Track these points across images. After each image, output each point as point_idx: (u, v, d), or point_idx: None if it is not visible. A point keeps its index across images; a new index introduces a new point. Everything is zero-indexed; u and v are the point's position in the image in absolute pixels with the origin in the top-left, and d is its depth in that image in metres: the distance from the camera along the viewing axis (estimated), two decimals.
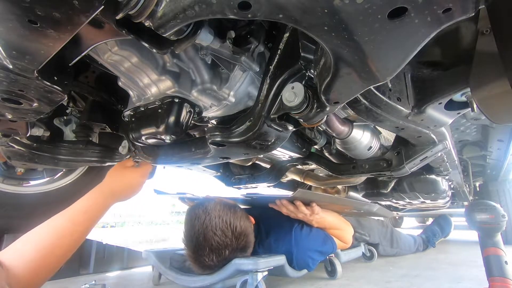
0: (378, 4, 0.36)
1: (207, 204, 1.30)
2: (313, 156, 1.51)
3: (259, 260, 1.22)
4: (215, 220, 1.23)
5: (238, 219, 1.28)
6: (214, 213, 1.25)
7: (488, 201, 1.27)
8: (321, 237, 1.57)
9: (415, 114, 0.86)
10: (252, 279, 1.20)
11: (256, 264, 1.20)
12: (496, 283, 1.10)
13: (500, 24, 0.50)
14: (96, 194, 0.94)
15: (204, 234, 1.20)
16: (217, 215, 1.24)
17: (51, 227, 0.81)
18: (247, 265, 1.19)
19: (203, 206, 1.30)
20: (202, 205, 1.31)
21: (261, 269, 1.21)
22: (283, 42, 0.75)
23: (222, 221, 1.23)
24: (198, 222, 1.24)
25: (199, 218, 1.24)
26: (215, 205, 1.30)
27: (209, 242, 1.20)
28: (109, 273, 1.97)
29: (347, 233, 1.76)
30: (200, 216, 1.25)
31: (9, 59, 0.56)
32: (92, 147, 1.24)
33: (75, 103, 1.29)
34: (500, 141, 2.12)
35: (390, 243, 2.41)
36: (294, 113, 0.70)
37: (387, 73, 0.50)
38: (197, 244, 1.21)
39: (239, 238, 1.25)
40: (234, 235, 1.24)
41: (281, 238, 1.49)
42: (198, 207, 1.31)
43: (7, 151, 1.17)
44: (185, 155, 1.05)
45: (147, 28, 0.51)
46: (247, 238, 1.29)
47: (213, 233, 1.20)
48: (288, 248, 1.45)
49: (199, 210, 1.28)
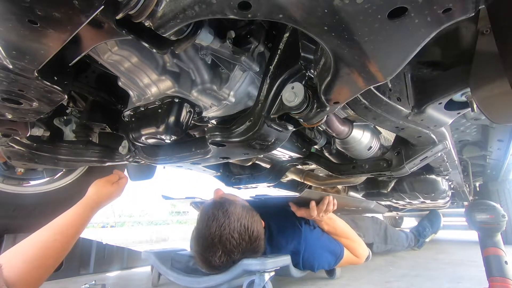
0: (378, 4, 0.36)
1: (227, 206, 1.27)
2: (313, 156, 1.51)
3: (267, 260, 1.20)
4: (234, 223, 1.21)
5: (256, 223, 1.27)
6: (233, 216, 1.23)
7: (488, 201, 1.27)
8: (329, 240, 1.56)
9: (415, 114, 0.86)
10: (259, 279, 1.19)
11: (264, 265, 1.18)
12: (496, 283, 1.10)
13: (500, 24, 0.50)
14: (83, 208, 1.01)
15: (220, 236, 1.18)
16: (236, 219, 1.22)
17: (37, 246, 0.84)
18: (254, 266, 1.18)
19: (222, 207, 1.27)
20: (221, 205, 1.28)
21: (269, 269, 1.20)
22: (283, 42, 0.75)
23: (241, 225, 1.22)
24: (217, 223, 1.21)
25: (218, 220, 1.22)
26: (235, 207, 1.27)
27: (224, 244, 1.18)
28: (109, 273, 1.97)
29: (360, 246, 1.63)
30: (218, 218, 1.22)
31: (9, 59, 0.56)
32: (92, 147, 1.23)
33: (75, 103, 1.29)
34: (500, 141, 2.12)
35: (384, 240, 2.43)
36: (294, 113, 0.70)
37: (387, 73, 0.50)
38: (211, 245, 1.19)
39: (254, 243, 1.25)
40: (251, 240, 1.23)
41: (290, 237, 1.49)
42: (216, 207, 1.27)
43: (7, 151, 1.17)
44: (185, 155, 1.05)
45: (147, 28, 0.51)
46: (260, 242, 1.28)
47: (231, 236, 1.19)
48: (297, 246, 1.45)
49: (218, 212, 1.25)
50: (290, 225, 1.54)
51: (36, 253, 0.81)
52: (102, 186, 1.12)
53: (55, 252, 0.85)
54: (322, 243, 1.52)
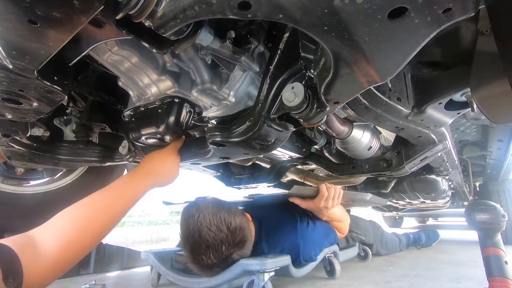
0: (378, 4, 0.36)
1: (200, 203, 1.30)
2: (313, 156, 1.51)
3: (266, 260, 1.20)
4: (208, 216, 1.22)
5: (232, 214, 1.28)
6: (207, 210, 1.25)
7: (488, 201, 1.27)
8: (324, 230, 1.64)
9: (415, 114, 0.86)
10: (258, 279, 1.18)
11: (263, 265, 1.18)
12: (496, 283, 1.10)
13: (500, 24, 0.50)
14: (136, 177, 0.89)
15: (199, 232, 1.20)
16: (210, 212, 1.24)
17: (87, 203, 0.78)
18: (254, 266, 1.17)
19: (196, 205, 1.30)
20: (195, 204, 1.31)
21: (268, 269, 1.19)
22: (283, 42, 0.75)
23: (216, 217, 1.23)
24: (192, 220, 1.23)
25: (193, 217, 1.24)
26: (207, 203, 1.30)
27: (204, 238, 1.19)
28: (109, 273, 1.97)
29: (345, 224, 1.82)
30: (193, 215, 1.24)
31: (9, 59, 0.56)
32: (92, 147, 1.23)
33: (75, 103, 1.29)
34: (500, 141, 2.12)
35: (381, 245, 2.48)
36: (294, 113, 0.70)
37: (387, 73, 0.50)
38: (193, 243, 1.20)
39: (234, 233, 1.24)
40: (230, 230, 1.23)
41: (287, 233, 1.51)
42: (191, 207, 1.30)
43: (7, 151, 1.17)
44: (185, 155, 1.05)
45: (147, 28, 0.51)
46: (243, 233, 1.28)
47: (208, 229, 1.19)
48: (295, 241, 1.46)
49: (192, 209, 1.27)
50: (286, 220, 1.56)
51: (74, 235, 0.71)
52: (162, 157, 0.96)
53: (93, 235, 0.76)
54: (319, 233, 1.58)
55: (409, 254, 2.60)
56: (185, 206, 1.38)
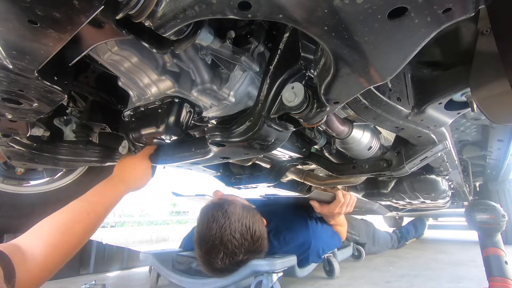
0: (378, 4, 0.36)
1: (227, 206, 1.26)
2: (313, 156, 1.51)
3: (275, 261, 1.18)
4: (234, 224, 1.19)
5: (257, 222, 1.26)
6: (234, 217, 1.21)
7: (488, 201, 1.27)
8: (331, 232, 1.73)
9: (415, 114, 0.86)
10: (267, 280, 1.16)
11: (273, 265, 1.16)
12: (496, 283, 1.10)
13: (500, 24, 0.50)
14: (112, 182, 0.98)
15: (221, 238, 1.16)
16: (237, 219, 1.21)
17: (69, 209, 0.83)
18: (263, 266, 1.16)
19: (222, 208, 1.25)
20: (221, 207, 1.26)
21: (277, 270, 1.18)
22: (283, 42, 0.75)
23: (242, 225, 1.20)
24: (217, 225, 1.19)
25: (218, 221, 1.20)
26: (235, 208, 1.26)
27: (225, 245, 1.16)
28: (109, 273, 1.97)
29: (345, 228, 1.92)
30: (218, 219, 1.20)
31: (9, 59, 0.56)
32: (92, 147, 1.23)
33: (75, 103, 1.29)
34: (500, 141, 2.12)
35: (372, 242, 2.52)
36: (294, 113, 0.70)
37: (387, 73, 0.50)
38: (212, 247, 1.17)
39: (257, 242, 1.23)
40: (253, 240, 1.22)
41: (298, 230, 1.54)
42: (216, 209, 1.26)
43: (7, 151, 1.17)
44: (185, 155, 1.05)
45: (147, 28, 0.51)
46: (264, 242, 1.27)
47: (232, 236, 1.17)
48: (306, 238, 1.50)
49: (217, 213, 1.23)
50: (297, 219, 1.63)
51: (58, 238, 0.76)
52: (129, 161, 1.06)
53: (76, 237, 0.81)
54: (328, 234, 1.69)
55: (409, 254, 2.60)
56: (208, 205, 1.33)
